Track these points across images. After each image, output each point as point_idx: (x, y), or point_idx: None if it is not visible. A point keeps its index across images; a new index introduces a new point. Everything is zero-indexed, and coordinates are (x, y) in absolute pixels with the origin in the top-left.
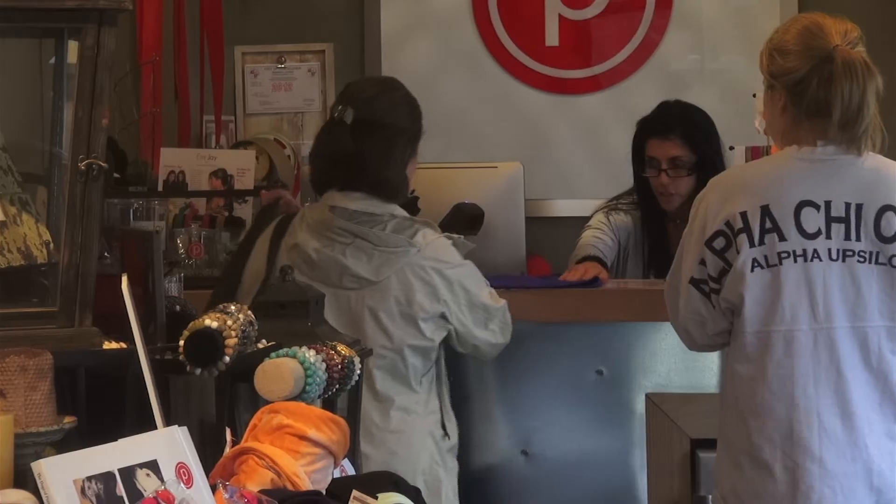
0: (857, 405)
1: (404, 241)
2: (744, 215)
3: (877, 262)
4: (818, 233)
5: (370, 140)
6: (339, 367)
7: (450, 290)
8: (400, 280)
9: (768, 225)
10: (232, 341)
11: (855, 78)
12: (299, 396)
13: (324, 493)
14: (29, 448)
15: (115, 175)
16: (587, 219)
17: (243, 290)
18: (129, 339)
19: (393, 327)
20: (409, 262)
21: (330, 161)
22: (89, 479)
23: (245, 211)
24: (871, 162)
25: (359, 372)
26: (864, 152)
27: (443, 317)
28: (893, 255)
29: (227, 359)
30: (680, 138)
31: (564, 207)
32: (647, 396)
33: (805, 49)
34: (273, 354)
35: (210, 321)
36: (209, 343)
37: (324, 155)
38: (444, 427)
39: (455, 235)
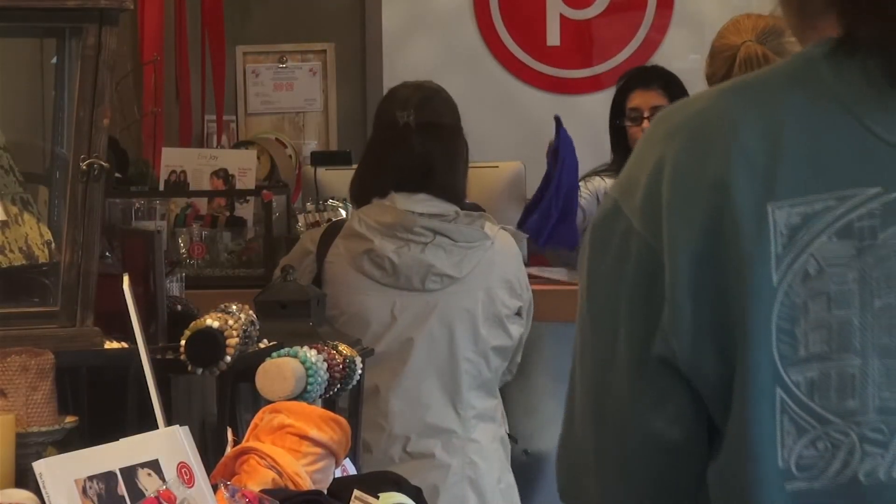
0: None
1: (481, 235)
2: None
3: None
4: None
5: (436, 142)
6: (341, 366)
7: (521, 284)
8: (481, 277)
9: None
10: (233, 341)
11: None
12: (300, 396)
13: (325, 492)
14: (30, 448)
15: (117, 175)
16: None
17: None
18: (131, 338)
19: (481, 328)
20: (486, 257)
21: (396, 167)
22: (90, 478)
23: (246, 211)
24: None
25: (360, 372)
26: None
27: (518, 312)
28: None
29: (229, 358)
30: (662, 89)
31: None
32: None
33: (720, 50)
34: (274, 354)
35: (211, 321)
36: (210, 343)
37: (388, 161)
38: (507, 432)
39: (508, 227)
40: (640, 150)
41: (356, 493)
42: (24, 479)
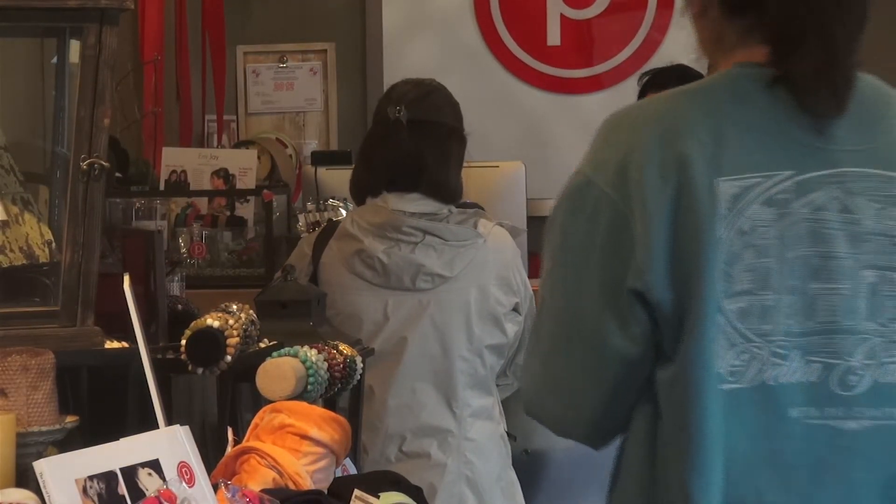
0: None
1: (472, 234)
2: None
3: None
4: None
5: (428, 140)
6: (341, 366)
7: (517, 280)
8: (473, 275)
9: None
10: (234, 341)
11: None
12: (301, 396)
13: (326, 492)
14: (31, 447)
15: (117, 174)
16: None
17: None
18: (131, 338)
19: (475, 326)
20: (479, 255)
21: (386, 164)
22: (91, 478)
23: (247, 210)
24: None
25: (360, 371)
26: None
27: (515, 309)
28: None
29: (229, 358)
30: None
31: None
32: None
33: None
34: (275, 354)
35: (212, 320)
36: (211, 342)
37: (380, 158)
38: (506, 430)
39: (506, 222)
40: (607, 138)
41: (357, 492)
42: (25, 478)
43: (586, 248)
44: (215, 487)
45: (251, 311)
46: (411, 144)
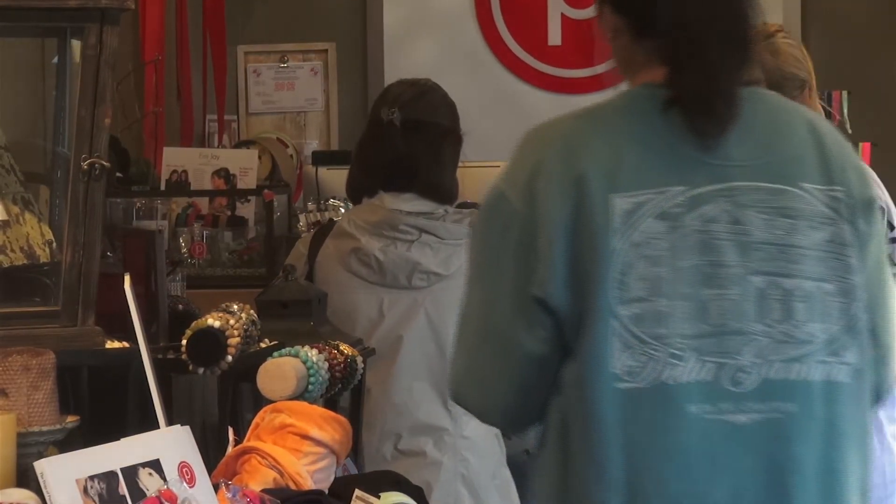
0: None
1: (468, 233)
2: None
3: None
4: None
5: (421, 142)
6: (342, 366)
7: None
8: None
9: None
10: (234, 340)
11: None
12: (302, 396)
13: (326, 492)
14: (31, 447)
15: (118, 174)
16: None
17: None
18: (132, 338)
19: None
20: None
21: (380, 165)
22: (92, 478)
23: (247, 210)
24: None
25: (361, 371)
26: None
27: None
28: None
29: (230, 358)
30: None
31: None
32: None
33: None
34: (275, 354)
35: (212, 320)
36: (212, 342)
37: (373, 162)
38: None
39: None
40: (521, 154)
41: (357, 492)
42: (26, 478)
43: (500, 258)
44: (216, 487)
45: (252, 311)
46: (405, 146)
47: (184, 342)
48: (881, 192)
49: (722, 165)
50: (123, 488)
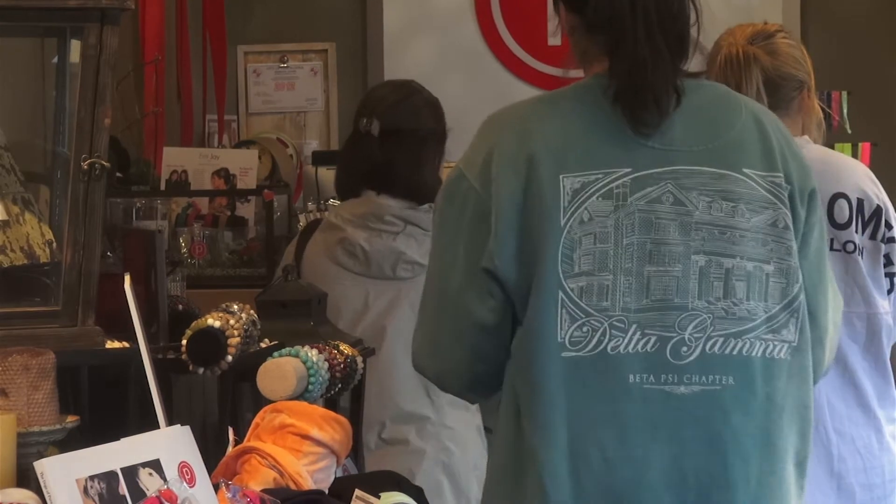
0: (817, 390)
1: None
2: None
3: (831, 249)
4: None
5: (399, 149)
6: (342, 366)
7: None
8: None
9: None
10: (234, 340)
11: None
12: (302, 396)
13: (326, 492)
14: (31, 447)
15: (118, 174)
16: None
17: None
18: (132, 338)
19: None
20: None
21: (360, 173)
22: (92, 478)
23: (247, 210)
24: (815, 152)
25: (361, 371)
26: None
27: None
28: (847, 241)
29: (230, 358)
30: None
31: None
32: None
33: (712, 54)
34: (275, 354)
35: (212, 320)
36: (212, 342)
37: (353, 167)
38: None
39: None
40: (480, 137)
41: (357, 492)
42: (26, 478)
43: (456, 232)
44: (216, 487)
45: (252, 311)
46: (382, 154)
47: (184, 342)
48: (878, 191)
49: (667, 150)
50: (123, 488)
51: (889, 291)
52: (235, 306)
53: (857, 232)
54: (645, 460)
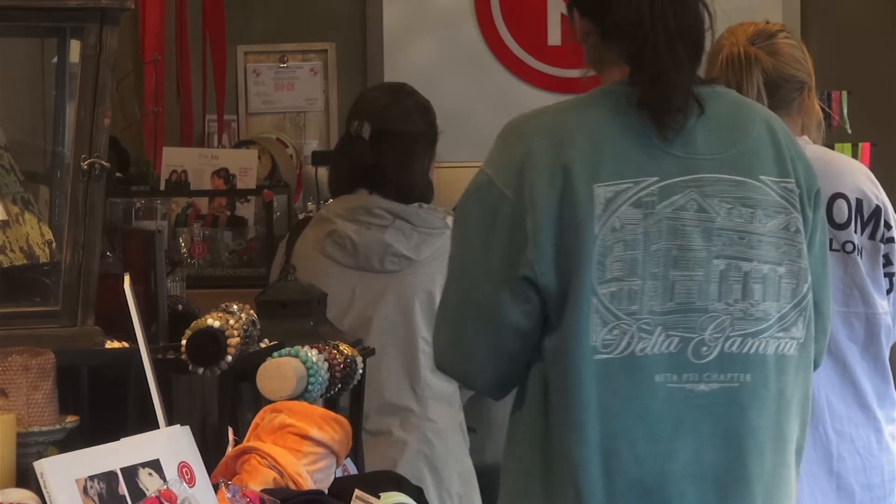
0: (817, 390)
1: (441, 222)
2: None
3: (830, 249)
4: None
5: (389, 152)
6: (342, 366)
7: None
8: (439, 262)
9: None
10: (234, 340)
11: None
12: (301, 396)
13: (326, 492)
14: (31, 447)
15: (118, 174)
16: None
17: None
18: (132, 338)
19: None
20: (446, 244)
21: (352, 174)
22: (91, 478)
23: (247, 210)
24: (814, 152)
25: (361, 371)
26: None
27: None
28: (846, 242)
29: (230, 358)
30: None
31: None
32: None
33: (712, 53)
34: (275, 354)
35: (212, 320)
36: (211, 342)
37: (345, 168)
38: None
39: None
40: (507, 143)
41: (357, 492)
42: (25, 478)
43: (489, 238)
44: (216, 487)
45: (252, 311)
46: (373, 157)
47: (183, 342)
48: (878, 191)
49: (690, 158)
50: (123, 488)
51: (888, 291)
52: (235, 306)
53: (856, 232)
54: (670, 455)
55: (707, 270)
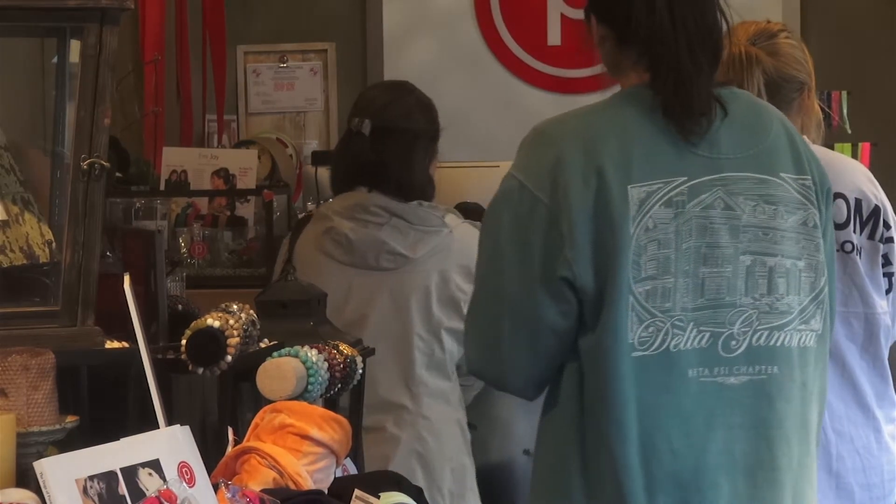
0: None
1: (438, 221)
2: None
3: None
4: None
5: (390, 148)
6: (341, 366)
7: None
8: (436, 260)
9: None
10: (234, 340)
11: None
12: (301, 396)
13: (326, 492)
14: (31, 447)
15: (118, 174)
16: None
17: None
18: (132, 338)
19: (434, 307)
20: (443, 242)
21: (352, 171)
22: (91, 478)
23: (247, 210)
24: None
25: (361, 371)
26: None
27: None
28: (845, 241)
29: (230, 358)
30: None
31: None
32: None
33: None
34: (275, 354)
35: (212, 320)
36: (211, 342)
37: (346, 165)
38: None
39: (477, 222)
40: (536, 148)
41: (357, 492)
42: (25, 478)
43: (524, 241)
44: (215, 487)
45: (252, 311)
46: (373, 153)
47: (183, 342)
48: (877, 191)
49: (715, 158)
50: (123, 488)
51: (887, 291)
52: (235, 306)
53: (855, 232)
54: (704, 448)
55: (735, 266)
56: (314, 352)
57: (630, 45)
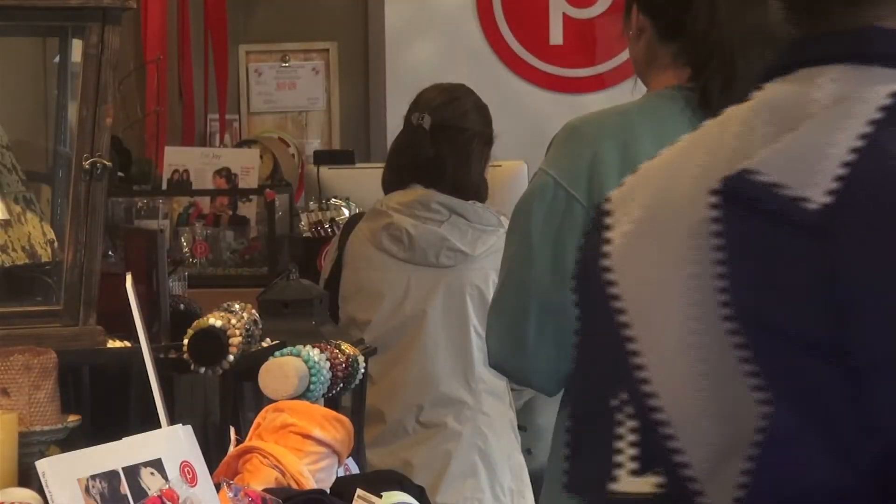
0: None
1: (496, 220)
2: None
3: None
4: None
5: (447, 146)
6: (343, 365)
7: None
8: (493, 259)
9: None
10: (236, 340)
11: None
12: (303, 395)
13: (328, 492)
14: (33, 447)
15: (120, 174)
16: None
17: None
18: (134, 337)
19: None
20: (500, 242)
21: (410, 167)
22: (93, 477)
23: (249, 210)
24: None
25: (363, 370)
26: None
27: None
28: None
29: (231, 357)
30: None
31: None
32: None
33: None
34: (277, 353)
35: (214, 320)
36: (213, 342)
37: (403, 161)
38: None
39: None
40: (570, 146)
41: (359, 492)
42: (27, 478)
43: (557, 238)
44: (217, 487)
45: (254, 311)
46: (432, 149)
47: (185, 341)
48: None
49: None
50: (125, 488)
51: None
52: (237, 306)
53: None
54: None
55: None
56: (316, 351)
57: (672, 40)
